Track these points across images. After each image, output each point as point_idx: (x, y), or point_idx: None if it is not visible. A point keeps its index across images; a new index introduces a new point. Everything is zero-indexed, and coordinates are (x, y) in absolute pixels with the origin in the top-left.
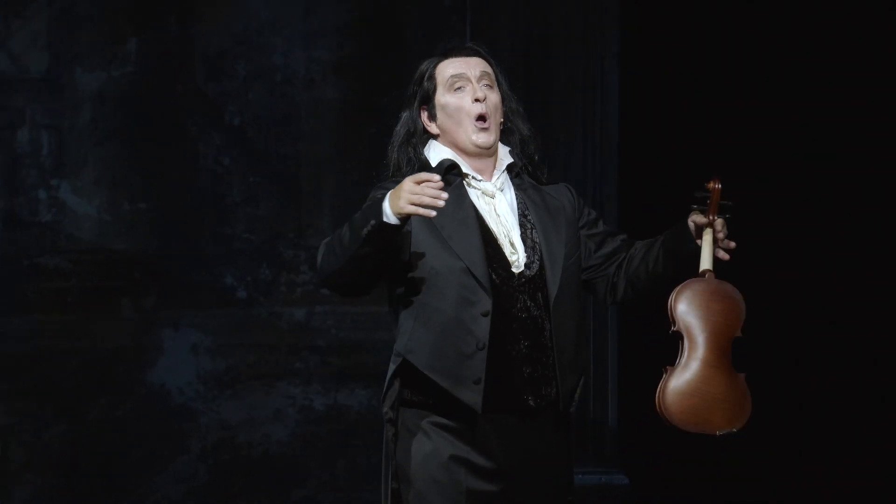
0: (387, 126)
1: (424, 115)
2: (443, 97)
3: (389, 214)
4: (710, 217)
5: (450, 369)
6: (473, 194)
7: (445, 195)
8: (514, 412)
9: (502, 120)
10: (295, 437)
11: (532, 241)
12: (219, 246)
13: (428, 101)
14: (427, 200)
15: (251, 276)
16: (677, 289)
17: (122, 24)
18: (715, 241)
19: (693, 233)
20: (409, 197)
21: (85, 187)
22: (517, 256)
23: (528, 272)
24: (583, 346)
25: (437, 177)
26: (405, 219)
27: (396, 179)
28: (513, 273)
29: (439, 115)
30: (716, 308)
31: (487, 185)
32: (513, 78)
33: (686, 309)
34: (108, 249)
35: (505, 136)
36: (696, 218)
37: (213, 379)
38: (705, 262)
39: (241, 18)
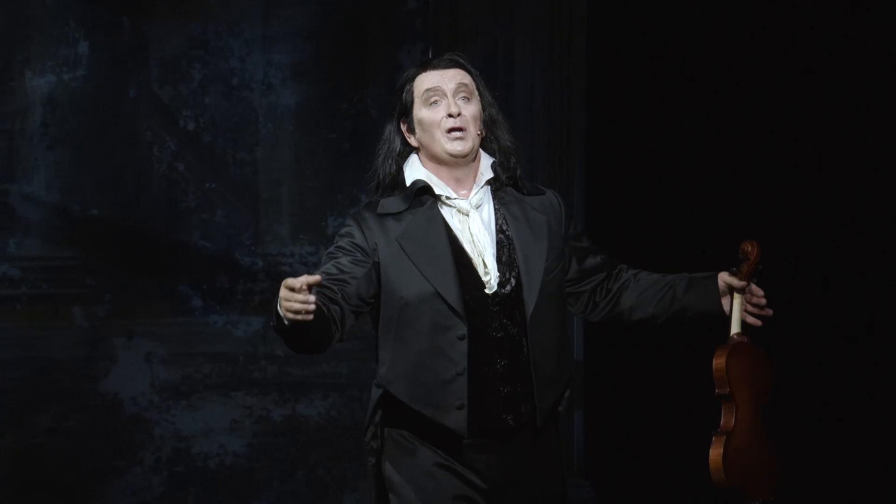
0: (346, 131)
1: (404, 128)
2: (419, 111)
3: (284, 319)
4: (746, 282)
5: (431, 397)
6: (448, 213)
7: (312, 300)
8: (494, 433)
9: (480, 131)
10: (252, 448)
11: (509, 258)
12: (173, 253)
13: (406, 114)
14: (297, 307)
15: (207, 284)
16: (727, 353)
17: (74, 27)
18: (743, 303)
19: (721, 291)
20: (283, 303)
21: (35, 193)
22: (489, 277)
23: (502, 291)
24: (565, 359)
25: (301, 281)
26: (297, 321)
27: (371, 202)
28: (486, 294)
29: (416, 129)
30: (758, 375)
31: (462, 203)
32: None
33: (739, 374)
34: (59, 256)
35: (485, 146)
36: (729, 280)
37: (168, 389)
38: (735, 326)
39: (197, 21)
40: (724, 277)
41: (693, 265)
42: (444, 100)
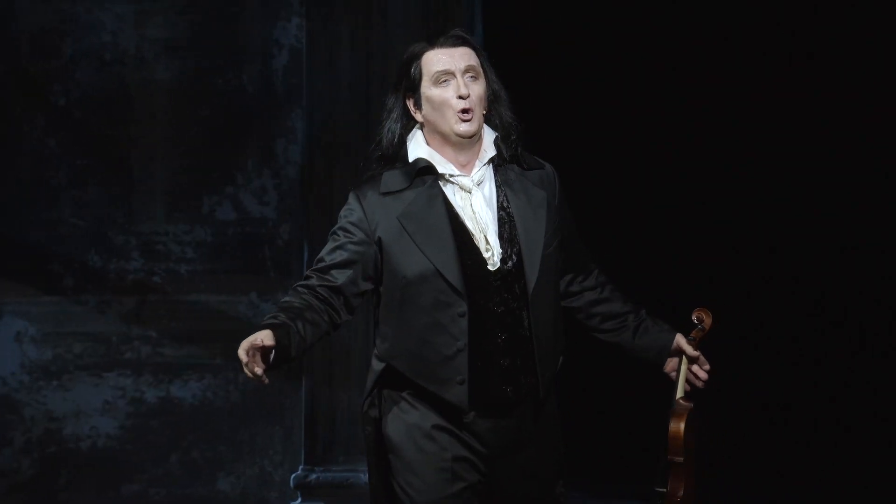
0: (221, 108)
1: (410, 103)
2: (428, 90)
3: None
4: (698, 352)
5: (433, 372)
6: (450, 190)
7: (260, 373)
8: (494, 405)
9: (485, 111)
10: (125, 430)
11: (510, 234)
12: (44, 231)
13: (414, 90)
14: (249, 376)
15: (79, 263)
16: (684, 420)
17: None
18: (688, 368)
19: (671, 351)
20: (243, 362)
21: None
22: (491, 253)
23: (504, 267)
24: (560, 332)
25: (243, 355)
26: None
27: (374, 176)
28: (488, 270)
29: (424, 106)
30: (697, 439)
31: (465, 181)
32: (357, 56)
33: (691, 442)
34: None
35: (488, 121)
36: (685, 347)
37: (39, 369)
38: (681, 391)
39: None
40: (680, 342)
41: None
42: (453, 80)
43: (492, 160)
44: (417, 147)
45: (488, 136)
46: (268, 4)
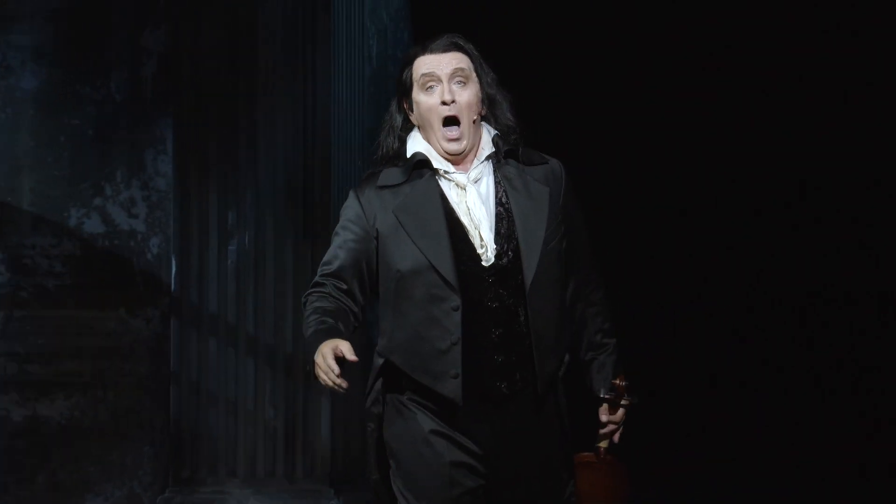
0: (89, 117)
1: (406, 107)
2: (417, 94)
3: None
4: (612, 416)
5: (427, 366)
6: (446, 186)
7: (344, 385)
8: (487, 399)
9: (477, 116)
10: None
11: (508, 230)
12: None
13: (407, 94)
14: (328, 383)
15: None
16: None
17: None
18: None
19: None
20: (318, 373)
21: None
22: (485, 249)
23: (500, 263)
24: (565, 327)
25: (336, 370)
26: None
27: (373, 173)
28: (482, 266)
29: (415, 110)
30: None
31: (460, 178)
32: (222, 65)
33: (592, 490)
34: None
35: (486, 121)
36: (602, 414)
37: None
38: (604, 442)
39: None
40: (600, 410)
41: None
42: (439, 85)
43: (490, 157)
44: (416, 143)
45: (487, 133)
46: (136, 11)
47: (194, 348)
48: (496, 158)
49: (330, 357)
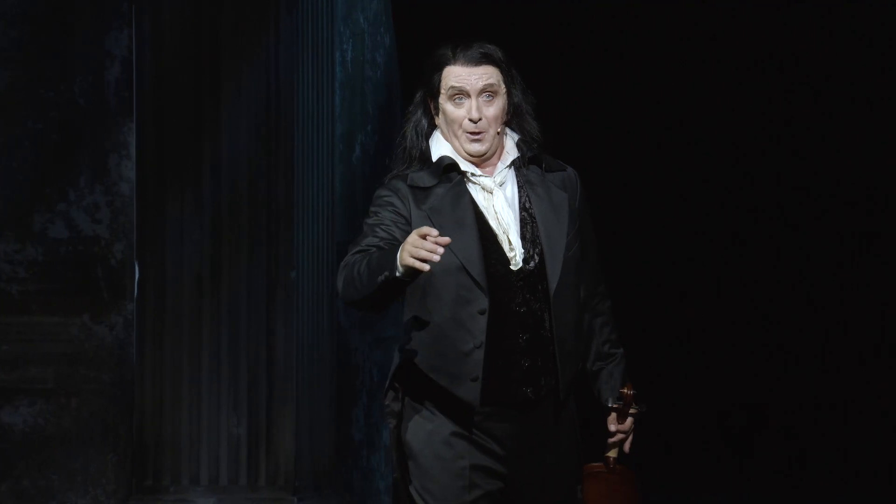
0: (53, 121)
1: (431, 106)
2: (444, 102)
3: (399, 267)
4: (620, 426)
5: (448, 368)
6: (473, 189)
7: (441, 250)
8: (513, 405)
9: (502, 127)
10: None
11: (532, 235)
12: None
13: (434, 97)
14: (423, 254)
15: None
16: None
17: None
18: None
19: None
20: (411, 250)
21: None
22: (514, 253)
23: (527, 267)
24: (581, 334)
25: (434, 232)
26: (412, 272)
27: (400, 174)
28: (511, 270)
29: (441, 115)
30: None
31: (487, 181)
32: (186, 69)
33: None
34: None
35: (509, 126)
36: (609, 422)
37: None
38: (613, 451)
39: None
40: (609, 419)
41: None
42: (467, 100)
43: (514, 162)
44: (440, 146)
45: (510, 138)
46: (100, 14)
47: (157, 355)
48: (519, 163)
49: (420, 233)
